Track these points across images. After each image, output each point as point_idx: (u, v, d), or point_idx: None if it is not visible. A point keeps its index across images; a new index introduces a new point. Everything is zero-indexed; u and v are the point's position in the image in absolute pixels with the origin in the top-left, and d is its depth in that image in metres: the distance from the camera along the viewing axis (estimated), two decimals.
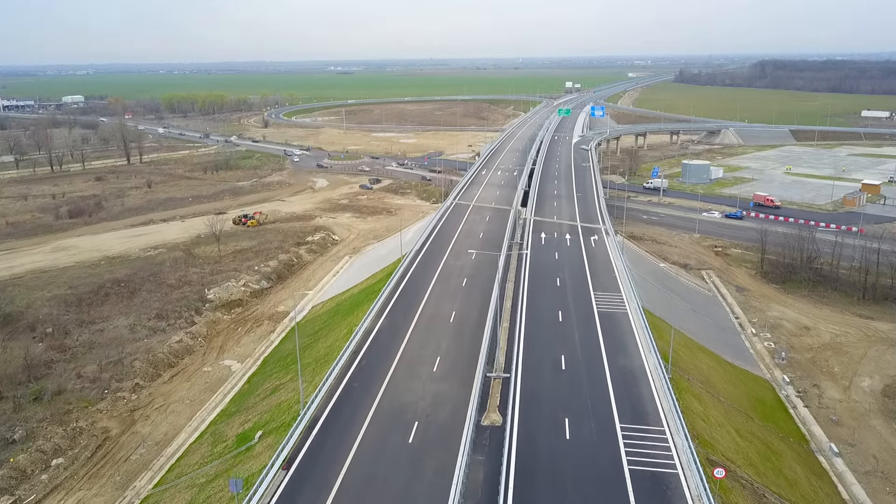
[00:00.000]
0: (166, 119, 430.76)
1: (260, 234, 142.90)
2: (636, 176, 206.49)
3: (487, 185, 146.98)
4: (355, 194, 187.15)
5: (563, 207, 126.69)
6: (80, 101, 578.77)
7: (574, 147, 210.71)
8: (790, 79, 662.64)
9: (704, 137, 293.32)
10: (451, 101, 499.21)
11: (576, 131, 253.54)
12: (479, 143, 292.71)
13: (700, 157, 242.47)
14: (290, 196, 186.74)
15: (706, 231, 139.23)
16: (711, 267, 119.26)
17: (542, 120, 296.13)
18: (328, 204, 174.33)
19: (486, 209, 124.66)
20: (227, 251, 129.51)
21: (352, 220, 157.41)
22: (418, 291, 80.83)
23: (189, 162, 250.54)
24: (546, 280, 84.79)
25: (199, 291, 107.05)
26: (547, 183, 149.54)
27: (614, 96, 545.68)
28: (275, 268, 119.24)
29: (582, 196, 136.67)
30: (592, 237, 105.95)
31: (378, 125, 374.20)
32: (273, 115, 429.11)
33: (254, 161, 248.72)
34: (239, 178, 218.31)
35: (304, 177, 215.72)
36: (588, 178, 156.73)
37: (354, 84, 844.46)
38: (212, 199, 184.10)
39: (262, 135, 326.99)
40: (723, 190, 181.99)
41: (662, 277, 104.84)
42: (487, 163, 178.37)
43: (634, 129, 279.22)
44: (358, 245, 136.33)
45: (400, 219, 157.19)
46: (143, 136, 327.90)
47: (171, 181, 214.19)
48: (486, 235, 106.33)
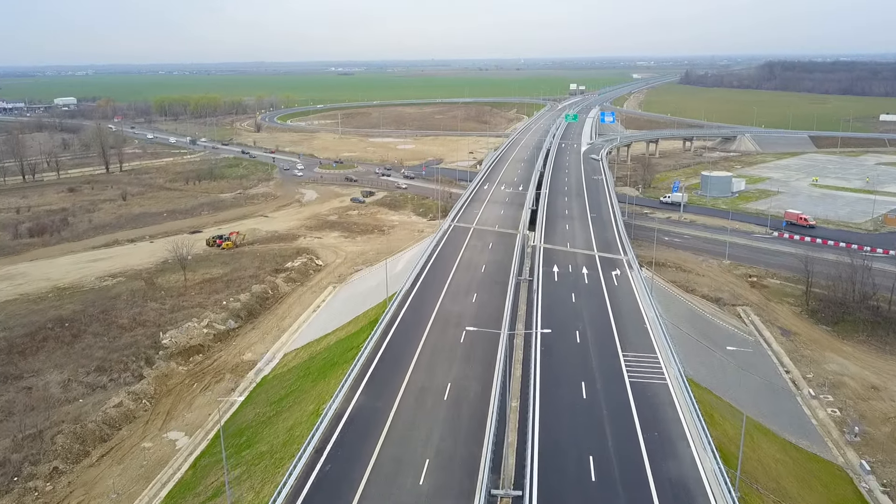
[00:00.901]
0: (156, 123, 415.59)
1: (235, 258, 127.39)
2: (651, 188, 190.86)
3: (490, 203, 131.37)
4: (346, 209, 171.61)
5: (577, 231, 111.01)
6: (71, 103, 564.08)
7: (583, 156, 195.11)
8: (799, 80, 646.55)
9: (719, 144, 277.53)
10: (452, 105, 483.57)
11: (584, 138, 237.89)
12: (480, 150, 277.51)
13: (717, 165, 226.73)
14: (274, 211, 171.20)
15: (738, 256, 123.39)
16: (748, 302, 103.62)
17: (547, 125, 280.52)
18: (315, 220, 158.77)
19: (488, 233, 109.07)
20: (195, 280, 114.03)
21: (339, 240, 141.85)
22: (405, 352, 65.21)
23: (171, 171, 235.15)
24: (564, 335, 69.20)
25: (153, 335, 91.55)
26: (556, 200, 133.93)
27: (620, 98, 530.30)
28: (245, 302, 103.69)
29: (597, 216, 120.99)
30: (613, 272, 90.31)
31: (375, 130, 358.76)
32: (267, 119, 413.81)
33: (240, 170, 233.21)
34: (222, 190, 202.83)
35: (291, 188, 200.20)
36: (601, 193, 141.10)
37: (355, 85, 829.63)
38: (189, 214, 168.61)
39: (252, 140, 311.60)
40: (748, 205, 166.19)
41: (696, 321, 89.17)
42: (490, 175, 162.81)
43: (646, 135, 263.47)
44: (344, 272, 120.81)
45: (392, 239, 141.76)
46: (128, 140, 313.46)
47: (148, 193, 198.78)
48: (488, 268, 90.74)
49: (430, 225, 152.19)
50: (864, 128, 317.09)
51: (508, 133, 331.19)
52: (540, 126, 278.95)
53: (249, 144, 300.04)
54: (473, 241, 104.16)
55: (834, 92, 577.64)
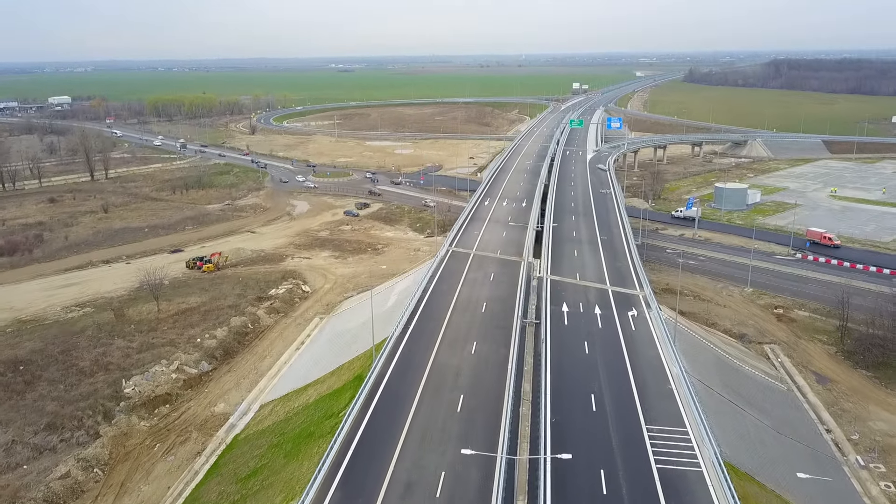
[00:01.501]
0: (149, 124, 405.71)
1: (215, 283, 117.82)
2: (661, 199, 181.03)
3: (491, 223, 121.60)
4: (338, 223, 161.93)
5: (587, 259, 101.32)
6: (65, 102, 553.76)
7: (589, 166, 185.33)
8: (805, 79, 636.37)
9: (729, 149, 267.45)
10: (452, 105, 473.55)
11: (589, 144, 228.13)
12: (480, 155, 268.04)
13: (728, 173, 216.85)
14: (262, 226, 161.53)
15: (760, 283, 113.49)
16: (775, 339, 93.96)
17: (550, 129, 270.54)
18: (305, 237, 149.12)
19: (489, 261, 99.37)
20: (169, 311, 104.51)
21: (329, 261, 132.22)
22: (391, 429, 55.36)
23: (159, 178, 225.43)
24: (576, 400, 59.67)
25: (115, 382, 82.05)
26: (563, 219, 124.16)
27: (624, 98, 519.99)
28: (222, 340, 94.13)
29: (608, 241, 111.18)
30: (630, 312, 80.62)
31: (373, 132, 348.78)
32: (262, 121, 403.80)
33: (230, 178, 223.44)
34: (210, 200, 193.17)
35: (282, 199, 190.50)
36: (611, 212, 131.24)
37: (354, 83, 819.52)
38: (172, 229, 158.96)
39: (246, 144, 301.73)
40: (765, 220, 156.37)
41: (723, 370, 79.39)
42: (491, 188, 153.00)
43: (654, 140, 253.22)
44: (332, 300, 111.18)
45: (386, 260, 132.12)
46: (117, 144, 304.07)
47: (133, 203, 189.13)
48: (490, 307, 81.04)
49: (427, 243, 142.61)
50: (877, 131, 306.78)
51: (511, 136, 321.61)
52: (543, 130, 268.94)
53: (242, 148, 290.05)
54: (473, 272, 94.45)
55: (841, 91, 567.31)
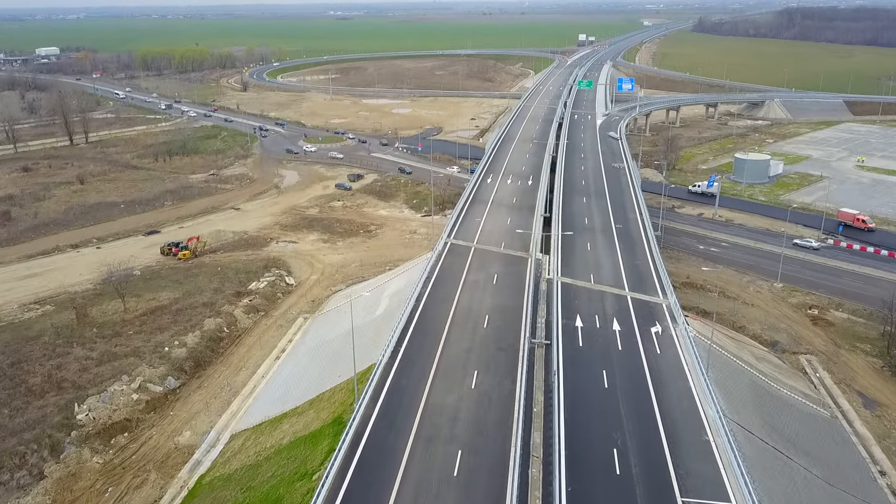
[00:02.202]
0: (138, 79, 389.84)
1: (191, 274, 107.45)
2: (676, 170, 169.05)
3: (494, 207, 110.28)
4: (329, 198, 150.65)
5: (601, 254, 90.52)
6: (53, 54, 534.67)
7: (600, 133, 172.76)
8: (820, 29, 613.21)
9: (745, 110, 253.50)
10: (453, 58, 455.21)
11: (598, 106, 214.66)
12: (483, 115, 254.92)
13: (746, 139, 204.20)
14: (247, 201, 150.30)
15: (791, 277, 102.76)
16: (811, 347, 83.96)
17: (557, 88, 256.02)
18: (292, 216, 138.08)
19: (492, 258, 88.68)
20: (137, 311, 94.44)
21: (318, 245, 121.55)
22: (379, 485, 45.87)
23: (142, 142, 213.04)
24: (596, 458, 49.81)
25: (68, 405, 72.45)
26: (573, 201, 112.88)
27: (631, 50, 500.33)
28: (193, 348, 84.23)
29: (624, 230, 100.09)
30: (653, 328, 70.30)
31: (370, 89, 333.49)
32: (255, 76, 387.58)
33: (217, 143, 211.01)
34: (195, 169, 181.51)
35: (270, 168, 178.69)
36: (626, 192, 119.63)
37: (352, 31, 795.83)
38: (150, 205, 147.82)
39: (236, 103, 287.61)
40: (789, 195, 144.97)
41: (760, 401, 69.25)
42: (494, 161, 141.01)
43: (667, 101, 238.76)
44: (318, 294, 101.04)
45: (380, 244, 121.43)
46: (102, 102, 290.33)
47: (111, 173, 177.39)
48: (493, 321, 70.69)
49: (424, 223, 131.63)
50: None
51: (515, 93, 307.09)
52: (549, 89, 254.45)
53: (232, 108, 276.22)
54: (473, 273, 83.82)
55: (858, 42, 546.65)
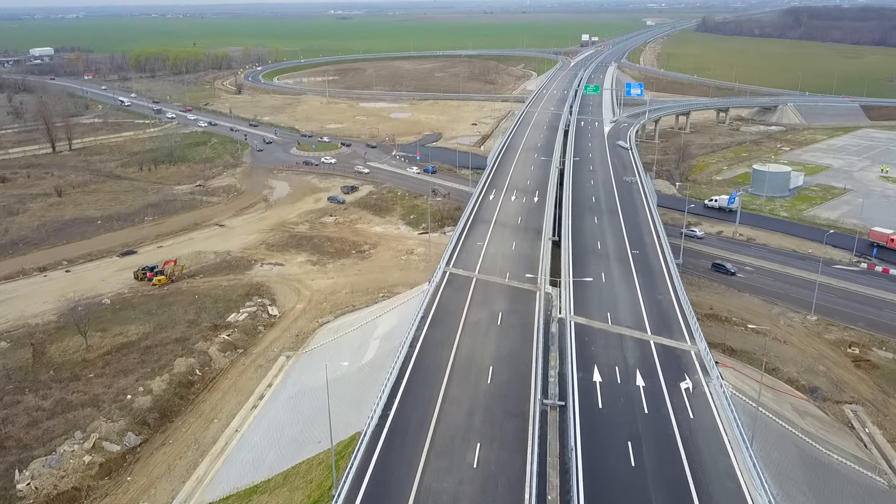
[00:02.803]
0: (131, 80, 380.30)
1: (165, 303, 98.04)
2: (689, 181, 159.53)
3: (497, 228, 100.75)
4: (321, 212, 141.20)
5: (618, 289, 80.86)
6: (48, 54, 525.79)
7: (608, 141, 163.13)
8: (827, 29, 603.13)
9: (757, 114, 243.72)
10: (454, 58, 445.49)
11: (605, 112, 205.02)
12: (484, 120, 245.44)
13: (760, 146, 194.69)
14: (233, 216, 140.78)
15: (826, 307, 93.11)
16: (856, 395, 74.48)
17: (561, 91, 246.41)
18: (280, 233, 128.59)
19: (496, 291, 79.19)
20: (101, 348, 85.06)
21: (305, 268, 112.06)
22: None
23: (128, 150, 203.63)
24: None
25: (8, 471, 63.04)
26: (584, 221, 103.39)
27: (635, 50, 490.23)
28: (159, 396, 74.81)
29: (641, 256, 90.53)
30: (683, 384, 60.74)
31: (368, 91, 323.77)
32: (250, 78, 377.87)
33: (207, 150, 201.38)
34: (181, 179, 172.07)
35: (260, 179, 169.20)
36: (640, 211, 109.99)
37: (352, 31, 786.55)
38: (129, 220, 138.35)
39: (229, 106, 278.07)
40: (812, 211, 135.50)
41: (812, 473, 59.67)
42: (496, 175, 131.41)
43: (677, 106, 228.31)
44: (304, 327, 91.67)
45: (373, 267, 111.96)
46: (91, 106, 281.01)
47: (93, 183, 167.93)
48: (497, 374, 61.22)
49: (422, 242, 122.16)
50: None
51: (517, 95, 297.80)
52: (553, 93, 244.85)
53: (224, 113, 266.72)
54: (475, 310, 74.31)
55: (866, 43, 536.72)
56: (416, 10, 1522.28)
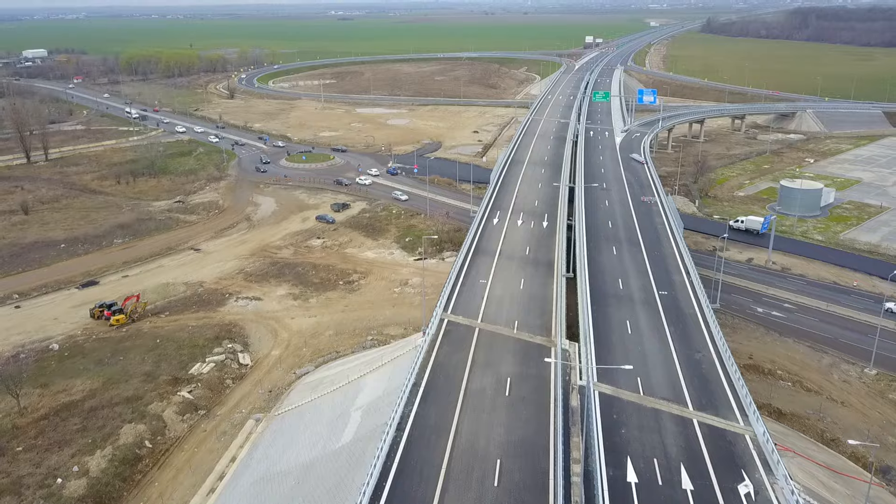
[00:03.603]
0: (121, 84, 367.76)
1: (122, 349, 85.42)
2: (709, 198, 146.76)
3: (503, 263, 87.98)
4: (308, 234, 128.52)
5: (648, 345, 67.89)
6: (41, 56, 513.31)
7: (621, 154, 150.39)
8: (836, 30, 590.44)
9: (774, 121, 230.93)
10: (454, 61, 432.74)
11: (615, 120, 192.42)
12: (486, 127, 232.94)
13: (782, 158, 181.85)
14: (211, 238, 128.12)
15: (886, 357, 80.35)
16: None
17: (567, 97, 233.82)
18: (261, 260, 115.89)
19: (502, 346, 66.54)
20: (38, 411, 72.41)
21: (286, 302, 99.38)
22: None
23: (107, 160, 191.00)
24: None
25: None
26: (601, 254, 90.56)
27: (640, 52, 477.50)
28: (97, 477, 62.06)
29: (669, 299, 77.62)
30: (741, 486, 47.93)
31: (365, 96, 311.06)
32: (244, 82, 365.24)
33: (191, 161, 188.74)
34: (160, 193, 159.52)
35: (245, 193, 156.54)
36: (664, 239, 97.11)
37: (352, 32, 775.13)
38: (96, 243, 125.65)
39: (219, 112, 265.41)
40: (850, 233, 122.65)
41: None
42: (500, 194, 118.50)
43: (690, 114, 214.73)
44: (279, 379, 79.06)
45: (362, 301, 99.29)
46: (76, 111, 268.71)
47: (64, 199, 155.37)
48: (506, 473, 48.26)
49: (417, 270, 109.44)
50: None
51: (520, 101, 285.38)
52: (558, 99, 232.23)
53: (214, 119, 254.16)
54: (478, 375, 61.59)
55: (877, 44, 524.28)
56: (417, 11, 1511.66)
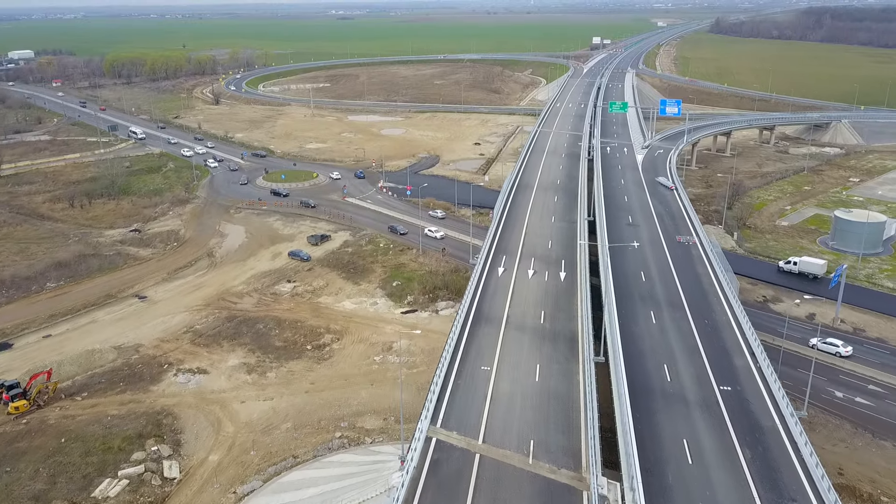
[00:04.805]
0: (104, 87, 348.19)
1: (12, 454, 65.50)
2: (748, 228, 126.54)
3: (510, 337, 67.84)
4: (277, 276, 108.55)
5: (718, 487, 48.06)
6: (27, 57, 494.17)
7: (644, 176, 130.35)
8: (852, 31, 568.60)
9: (805, 133, 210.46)
10: (455, 64, 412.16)
11: (632, 133, 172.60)
12: (488, 138, 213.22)
13: (823, 178, 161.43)
14: (162, 281, 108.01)
15: None
16: None
17: (577, 105, 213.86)
18: (216, 312, 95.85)
19: (512, 489, 46.83)
20: None
21: (238, 377, 79.31)
22: None
23: (65, 178, 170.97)
24: None
25: None
26: (636, 329, 69.83)
27: (650, 54, 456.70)
28: None
29: (736, 404, 57.07)
30: None
31: (359, 102, 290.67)
32: (233, 85, 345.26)
33: (158, 179, 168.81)
34: (115, 220, 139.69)
35: (212, 220, 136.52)
36: (715, 304, 76.28)
37: (351, 32, 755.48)
38: (24, 287, 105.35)
39: (199, 120, 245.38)
40: None
41: None
42: (505, 234, 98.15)
43: (716, 125, 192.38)
44: (213, 502, 59.31)
45: (332, 376, 79.36)
46: (44, 119, 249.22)
47: (6, 226, 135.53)
48: None
49: (405, 327, 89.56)
50: None
51: (526, 107, 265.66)
52: (567, 107, 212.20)
53: (194, 128, 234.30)
54: None
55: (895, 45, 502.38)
56: (418, 11, 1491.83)
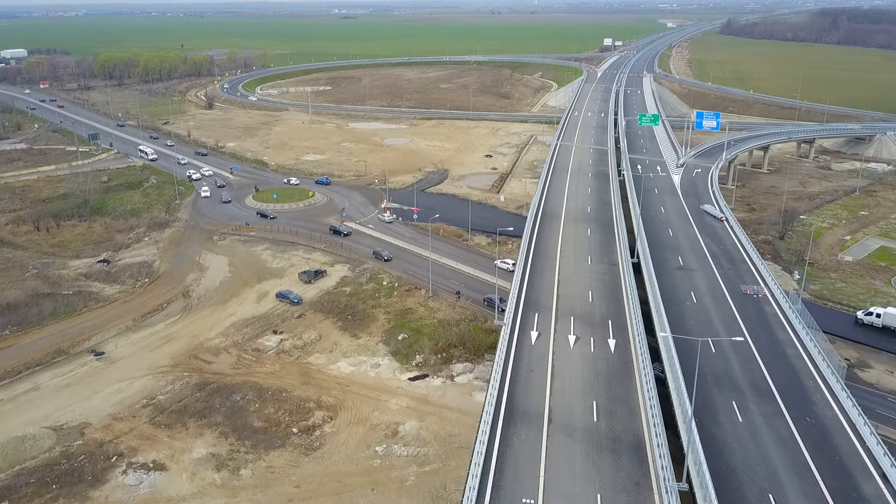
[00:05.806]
0: (94, 89, 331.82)
1: None
2: (809, 265, 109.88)
3: (556, 445, 51.09)
4: (262, 325, 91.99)
5: None
6: (20, 56, 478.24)
7: (686, 201, 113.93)
8: (870, 33, 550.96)
9: (846, 146, 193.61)
10: (462, 66, 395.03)
11: (664, 148, 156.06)
12: (500, 149, 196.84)
13: (878, 200, 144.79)
14: (126, 330, 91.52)
15: None
16: None
17: (597, 114, 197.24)
18: (185, 374, 79.32)
19: None
20: None
21: (203, 474, 62.77)
22: None
23: (35, 194, 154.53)
24: None
25: None
26: (719, 431, 53.47)
27: (662, 56, 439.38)
28: None
29: None
30: None
31: (361, 107, 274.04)
32: (229, 88, 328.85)
33: (137, 197, 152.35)
34: (82, 248, 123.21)
35: (192, 249, 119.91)
36: (807, 384, 60.43)
37: (354, 32, 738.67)
38: None
39: (188, 128, 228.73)
40: None
41: None
42: (533, 278, 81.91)
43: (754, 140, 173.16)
44: None
45: (320, 474, 62.79)
46: (24, 125, 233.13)
47: None
48: None
49: (414, 402, 73.05)
50: None
51: (538, 113, 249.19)
52: (587, 116, 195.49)
53: (184, 135, 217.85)
54: None
55: None
56: (422, 10, 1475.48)
